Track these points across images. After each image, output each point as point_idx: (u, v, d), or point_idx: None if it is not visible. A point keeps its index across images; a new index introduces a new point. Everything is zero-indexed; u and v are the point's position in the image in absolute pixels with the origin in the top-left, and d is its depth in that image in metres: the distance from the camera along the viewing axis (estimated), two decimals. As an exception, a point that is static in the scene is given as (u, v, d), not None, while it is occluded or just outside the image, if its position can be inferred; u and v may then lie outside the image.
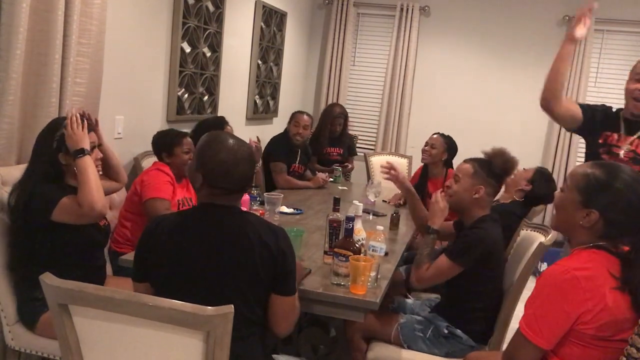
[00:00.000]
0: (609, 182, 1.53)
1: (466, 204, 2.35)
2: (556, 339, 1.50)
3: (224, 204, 1.65)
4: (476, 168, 2.35)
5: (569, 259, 1.55)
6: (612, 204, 1.52)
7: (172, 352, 1.39)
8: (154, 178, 2.65)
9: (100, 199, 1.97)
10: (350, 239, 2.10)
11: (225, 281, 1.60)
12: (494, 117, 5.45)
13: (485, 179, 2.32)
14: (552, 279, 1.50)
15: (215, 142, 1.65)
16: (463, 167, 2.39)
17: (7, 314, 2.07)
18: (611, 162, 1.61)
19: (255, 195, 2.95)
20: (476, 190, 2.31)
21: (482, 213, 2.34)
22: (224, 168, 1.61)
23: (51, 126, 2.09)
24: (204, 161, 1.64)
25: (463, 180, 2.35)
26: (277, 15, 4.88)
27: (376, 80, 5.76)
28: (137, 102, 3.21)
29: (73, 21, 2.41)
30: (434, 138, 3.85)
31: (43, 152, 2.04)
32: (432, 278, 2.26)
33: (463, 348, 2.25)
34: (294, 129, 4.11)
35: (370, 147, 5.78)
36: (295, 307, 1.72)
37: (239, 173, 1.63)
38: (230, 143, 1.64)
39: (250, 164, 1.67)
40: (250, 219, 1.68)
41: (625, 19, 5.05)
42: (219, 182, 1.62)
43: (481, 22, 5.42)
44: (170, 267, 1.62)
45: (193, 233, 1.63)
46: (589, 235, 1.56)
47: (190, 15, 3.51)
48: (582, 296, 1.45)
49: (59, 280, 1.37)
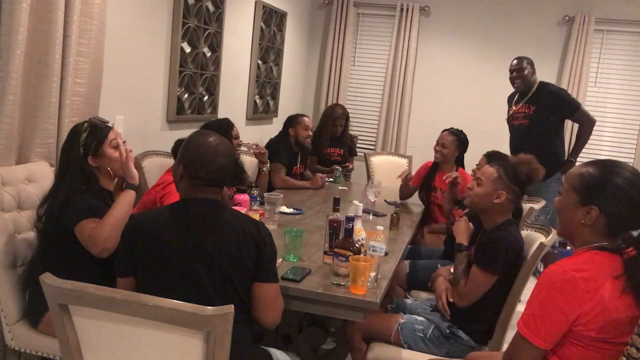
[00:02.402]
0: (606, 177, 1.53)
1: (486, 207, 2.33)
2: (555, 339, 1.50)
3: (205, 197, 1.74)
4: (500, 173, 2.31)
5: (569, 259, 1.55)
6: (611, 198, 1.52)
7: (172, 352, 1.39)
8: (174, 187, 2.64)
9: (110, 240, 1.93)
10: (350, 239, 2.10)
11: (213, 270, 1.66)
12: (494, 116, 5.43)
13: (508, 185, 2.29)
14: (551, 280, 1.50)
15: (197, 136, 1.79)
16: (488, 171, 2.35)
17: (7, 314, 2.07)
18: (606, 159, 1.62)
19: (255, 195, 2.95)
20: (497, 195, 2.28)
21: (504, 218, 2.31)
22: (203, 158, 1.71)
23: (73, 134, 2.10)
24: (185, 154, 1.75)
25: (486, 184, 2.32)
26: (277, 15, 4.88)
27: (376, 80, 5.76)
28: (137, 102, 3.21)
29: (73, 21, 2.41)
30: (444, 136, 3.71)
31: (72, 161, 2.06)
32: (470, 292, 2.24)
33: (463, 348, 2.25)
34: (304, 133, 4.07)
35: (370, 147, 5.78)
36: (279, 294, 1.81)
37: (218, 163, 1.72)
38: (210, 138, 1.76)
39: (229, 158, 1.76)
40: (231, 211, 1.79)
41: (625, 19, 5.05)
42: (198, 171, 1.71)
43: (481, 22, 5.42)
44: (156, 260, 1.67)
45: (177, 225, 1.69)
46: (593, 234, 1.55)
47: (190, 15, 3.51)
48: (581, 297, 1.45)
49: (59, 280, 1.37)
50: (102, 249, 1.93)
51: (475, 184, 2.37)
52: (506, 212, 2.33)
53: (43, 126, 2.36)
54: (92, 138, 2.07)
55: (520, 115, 4.01)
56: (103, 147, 2.09)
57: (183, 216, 1.71)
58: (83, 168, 2.06)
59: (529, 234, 2.40)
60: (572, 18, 5.13)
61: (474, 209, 2.41)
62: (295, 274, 2.07)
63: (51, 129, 2.41)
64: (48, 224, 2.03)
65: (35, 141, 2.37)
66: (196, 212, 1.71)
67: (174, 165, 1.85)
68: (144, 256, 1.68)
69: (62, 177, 2.07)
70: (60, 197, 2.01)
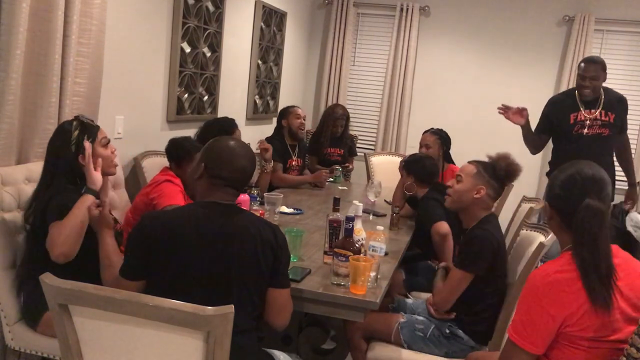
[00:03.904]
0: (552, 177, 1.64)
1: (466, 203, 2.36)
2: (545, 343, 1.50)
3: (224, 202, 1.74)
4: (479, 169, 2.36)
5: (552, 262, 1.56)
6: (549, 189, 1.64)
7: (172, 352, 1.39)
8: (167, 188, 2.64)
9: (66, 245, 1.89)
10: (350, 239, 2.10)
11: (231, 276, 1.65)
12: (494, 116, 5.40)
13: (487, 181, 2.33)
14: (535, 284, 1.51)
15: (221, 139, 1.82)
16: (467, 168, 2.40)
17: (7, 314, 2.07)
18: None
19: (255, 195, 2.95)
20: (477, 191, 2.32)
21: (484, 214, 2.34)
22: (226, 158, 1.73)
23: (63, 133, 2.08)
24: (208, 153, 1.77)
25: (465, 180, 2.36)
26: (277, 15, 4.88)
27: (376, 80, 5.76)
28: (137, 102, 3.21)
29: (73, 21, 2.41)
30: (426, 137, 3.80)
31: (62, 160, 2.05)
32: (449, 294, 2.26)
33: (463, 348, 2.25)
34: (296, 122, 4.09)
35: (370, 147, 5.78)
36: (290, 298, 1.83)
37: (240, 164, 1.74)
38: (232, 142, 1.80)
39: (250, 162, 1.79)
40: (249, 216, 1.79)
41: (625, 19, 5.05)
42: (220, 170, 1.72)
43: (481, 22, 5.42)
44: (175, 266, 1.64)
45: (195, 229, 1.66)
46: (561, 232, 1.61)
47: (190, 15, 3.51)
48: (565, 298, 1.45)
49: (59, 281, 1.37)
50: (59, 254, 1.89)
51: (455, 182, 2.41)
52: (486, 209, 2.36)
53: (43, 126, 2.36)
54: (83, 136, 2.07)
55: (598, 123, 3.51)
56: (94, 146, 2.08)
57: (203, 219, 1.69)
58: (73, 166, 2.05)
59: (529, 234, 2.41)
60: (572, 18, 5.13)
61: (455, 208, 2.44)
62: (295, 274, 2.07)
63: (51, 129, 2.39)
64: (34, 224, 2.01)
65: (35, 141, 2.36)
66: (215, 218, 1.69)
67: (193, 166, 1.86)
68: (159, 259, 1.64)
69: (50, 176, 2.04)
70: (47, 196, 1.99)
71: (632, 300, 1.49)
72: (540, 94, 5.28)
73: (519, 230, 2.56)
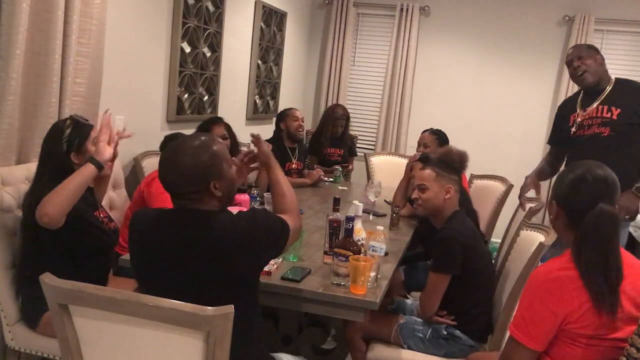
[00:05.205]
0: (560, 174, 1.64)
1: (439, 207, 2.39)
2: (546, 339, 1.50)
3: (189, 208, 1.61)
4: (437, 170, 2.39)
5: (555, 259, 1.57)
6: (557, 187, 1.62)
7: (172, 352, 1.39)
8: (159, 188, 2.62)
9: (51, 204, 1.85)
10: (350, 239, 2.10)
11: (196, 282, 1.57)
12: (494, 116, 5.45)
13: (449, 178, 2.38)
14: (537, 281, 1.51)
15: (167, 148, 1.64)
16: (425, 174, 2.42)
17: (7, 314, 2.08)
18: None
19: (254, 195, 2.95)
20: (447, 190, 2.36)
21: (452, 210, 2.38)
22: (162, 169, 1.60)
23: (56, 131, 2.09)
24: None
25: (430, 186, 2.39)
26: (277, 15, 4.88)
27: (376, 80, 5.76)
28: (137, 102, 3.21)
29: (73, 21, 2.41)
30: (425, 137, 3.79)
31: (53, 157, 2.04)
32: (430, 298, 2.26)
33: (462, 348, 2.25)
34: (294, 124, 4.09)
35: (370, 147, 5.78)
36: (298, 217, 1.82)
37: (163, 175, 1.59)
38: (175, 145, 1.61)
39: (192, 158, 1.57)
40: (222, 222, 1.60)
41: (625, 19, 5.05)
42: (165, 183, 1.60)
43: (481, 22, 5.42)
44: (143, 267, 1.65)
45: (164, 235, 1.61)
46: (566, 231, 1.60)
47: (190, 15, 3.51)
48: (567, 295, 1.45)
49: (59, 281, 1.37)
50: (43, 214, 1.83)
51: (419, 192, 2.42)
52: (455, 204, 2.40)
53: (43, 126, 2.36)
54: (75, 135, 2.07)
55: (597, 121, 2.89)
56: (86, 144, 2.08)
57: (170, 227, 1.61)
58: (64, 164, 2.04)
59: (529, 234, 2.41)
60: (572, 18, 5.13)
61: (428, 214, 2.47)
62: (295, 274, 2.07)
63: (51, 129, 2.41)
64: (26, 220, 2.01)
65: (35, 141, 2.36)
66: (174, 225, 1.60)
67: None
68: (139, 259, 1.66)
69: (41, 174, 2.04)
70: (38, 193, 1.97)
71: (635, 300, 1.49)
72: (540, 94, 5.30)
73: (519, 230, 2.56)
